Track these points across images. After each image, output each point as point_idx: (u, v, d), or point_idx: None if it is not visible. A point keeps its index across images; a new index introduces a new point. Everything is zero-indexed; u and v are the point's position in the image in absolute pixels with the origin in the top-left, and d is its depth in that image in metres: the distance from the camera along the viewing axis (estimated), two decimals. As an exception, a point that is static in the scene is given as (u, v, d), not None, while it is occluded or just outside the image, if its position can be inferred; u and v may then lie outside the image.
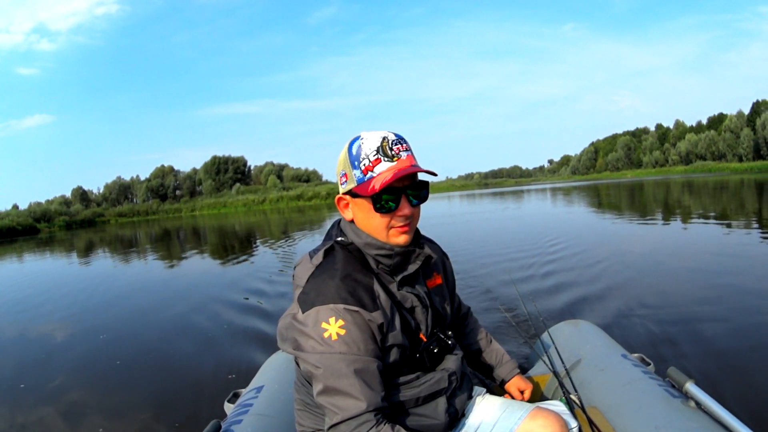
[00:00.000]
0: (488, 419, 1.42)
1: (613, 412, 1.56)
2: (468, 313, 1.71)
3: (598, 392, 1.67)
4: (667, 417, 1.42)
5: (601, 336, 2.07)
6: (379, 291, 1.23)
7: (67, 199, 73.76)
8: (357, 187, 1.22)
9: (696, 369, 2.90)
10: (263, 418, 1.66)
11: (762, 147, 62.45)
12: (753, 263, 5.91)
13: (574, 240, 8.88)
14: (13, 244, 30.74)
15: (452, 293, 1.55)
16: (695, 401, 1.45)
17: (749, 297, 4.41)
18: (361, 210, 1.25)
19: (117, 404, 3.38)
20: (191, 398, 3.28)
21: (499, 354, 1.66)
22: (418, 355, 1.29)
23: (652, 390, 1.57)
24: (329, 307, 1.16)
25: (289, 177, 77.28)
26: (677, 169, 71.14)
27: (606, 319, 3.98)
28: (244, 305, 5.93)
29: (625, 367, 1.75)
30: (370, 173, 1.20)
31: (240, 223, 30.52)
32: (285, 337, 1.25)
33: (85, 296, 8.14)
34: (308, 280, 1.23)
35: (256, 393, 1.86)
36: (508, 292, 5.11)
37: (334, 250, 1.28)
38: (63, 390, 3.72)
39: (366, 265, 1.27)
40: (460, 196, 48.10)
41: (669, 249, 7.52)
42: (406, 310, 1.29)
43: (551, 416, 1.35)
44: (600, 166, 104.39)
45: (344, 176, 1.26)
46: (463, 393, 1.39)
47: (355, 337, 1.15)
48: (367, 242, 1.26)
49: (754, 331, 3.54)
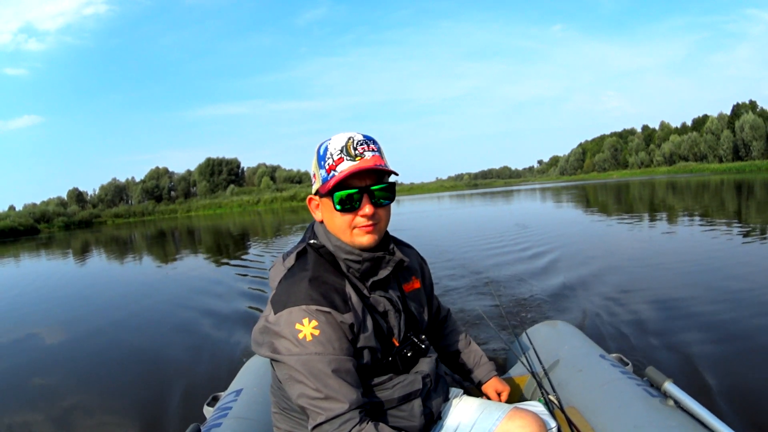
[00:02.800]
0: (466, 420, 1.39)
1: (592, 412, 1.54)
2: (447, 314, 1.69)
3: (577, 392, 1.65)
4: (646, 416, 1.40)
5: (579, 336, 2.05)
6: (350, 293, 1.21)
7: (63, 200, 73.77)
8: (321, 186, 1.21)
9: (674, 368, 2.88)
10: (242, 421, 1.65)
11: (740, 148, 63.14)
12: (735, 262, 5.91)
13: (554, 239, 8.88)
14: (16, 243, 30.61)
15: (430, 297, 1.53)
16: (674, 400, 1.43)
17: (729, 295, 4.40)
18: (326, 210, 1.24)
19: (96, 408, 3.32)
20: (171, 402, 3.22)
21: (477, 355, 1.63)
22: (390, 358, 1.27)
23: (631, 389, 1.55)
24: (301, 308, 1.14)
25: (281, 178, 77.57)
26: (661, 170, 71.83)
27: (584, 320, 3.96)
28: (225, 308, 5.86)
29: (604, 367, 1.73)
30: (332, 172, 1.18)
31: (235, 223, 30.48)
32: (260, 341, 1.22)
33: (70, 298, 8.07)
34: (280, 282, 1.22)
35: (235, 396, 1.85)
36: (486, 293, 5.09)
37: (306, 253, 1.27)
38: (40, 392, 3.65)
39: (338, 267, 1.25)
40: (449, 196, 48.28)
41: (650, 249, 7.49)
42: (379, 314, 1.27)
43: (529, 416, 1.32)
44: (587, 167, 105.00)
45: (314, 176, 1.26)
46: (438, 395, 1.37)
47: (329, 336, 1.13)
48: (337, 245, 1.24)
49: (732, 329, 3.52)
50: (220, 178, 77.58)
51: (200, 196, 75.41)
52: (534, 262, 6.72)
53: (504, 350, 3.18)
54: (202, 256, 13.31)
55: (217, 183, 77.13)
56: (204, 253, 14.08)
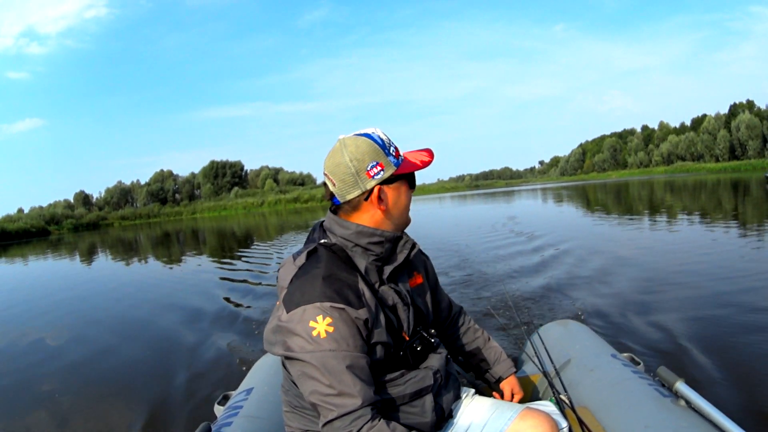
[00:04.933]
0: (477, 420, 1.38)
1: (603, 411, 1.52)
2: (461, 312, 1.67)
3: (588, 392, 1.62)
4: (657, 416, 1.38)
5: (591, 336, 2.02)
6: (364, 289, 1.20)
7: (70, 202, 74.31)
8: (398, 169, 1.25)
9: (686, 368, 2.85)
10: (253, 419, 1.63)
11: (736, 148, 63.00)
12: (745, 265, 5.72)
13: (563, 240, 8.85)
14: (30, 244, 30.74)
15: (434, 291, 1.52)
16: (685, 400, 1.41)
17: (740, 296, 4.28)
18: (397, 193, 1.27)
19: (108, 407, 3.31)
20: (182, 401, 3.21)
21: (497, 352, 1.62)
22: (401, 353, 1.26)
23: (642, 389, 1.52)
24: (315, 305, 1.13)
25: (284, 181, 77.77)
26: (658, 170, 71.77)
27: (595, 319, 3.94)
28: (235, 307, 5.85)
29: (615, 367, 1.70)
30: (400, 157, 1.27)
31: (240, 224, 30.50)
32: (273, 341, 1.21)
33: (81, 298, 8.06)
34: (292, 281, 1.20)
35: (245, 395, 1.82)
36: (497, 292, 5.07)
37: (317, 252, 1.25)
38: (53, 393, 3.65)
39: (350, 264, 1.23)
40: (451, 197, 48.21)
41: (659, 249, 7.39)
42: (388, 308, 1.26)
43: (541, 416, 1.31)
44: (587, 167, 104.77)
45: (377, 166, 1.22)
46: (449, 392, 1.36)
47: (343, 333, 1.12)
48: (358, 231, 1.23)
49: (745, 329, 3.46)
50: (224, 180, 77.77)
51: (204, 199, 75.58)
52: (546, 263, 6.67)
53: (513, 349, 3.15)
54: (211, 256, 13.30)
55: (221, 185, 77.32)
56: (212, 254, 14.08)
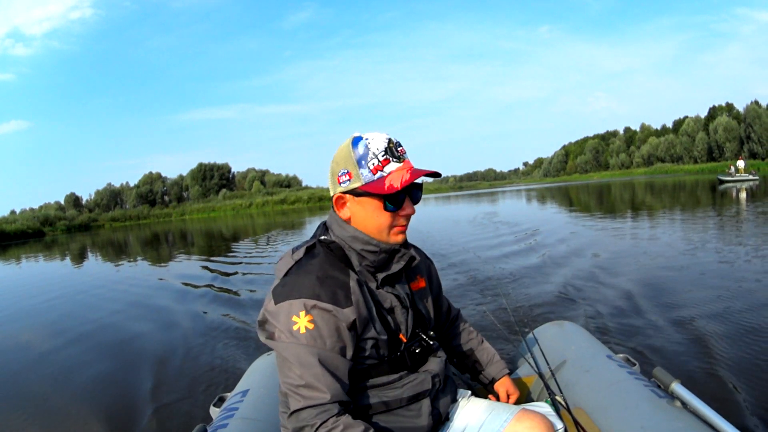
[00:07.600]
0: (473, 422, 1.37)
1: (599, 413, 1.51)
2: (458, 315, 1.67)
3: (584, 393, 1.61)
4: (653, 417, 1.37)
5: (586, 337, 2.02)
6: (354, 288, 1.19)
7: (61, 204, 74.17)
8: (365, 185, 1.19)
9: (681, 369, 2.84)
10: (249, 421, 1.62)
11: (714, 150, 63.93)
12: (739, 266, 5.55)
13: (557, 240, 8.84)
14: (26, 245, 30.31)
15: (437, 297, 1.52)
16: (681, 401, 1.41)
17: (738, 297, 4.18)
18: (364, 208, 1.21)
19: (104, 409, 3.23)
20: (177, 403, 3.17)
21: (489, 353, 1.61)
22: (399, 354, 1.25)
23: (638, 390, 1.52)
24: (301, 301, 1.14)
25: (271, 183, 77.87)
26: (638, 171, 72.49)
27: (590, 320, 3.92)
28: (229, 308, 5.78)
29: (611, 368, 1.69)
30: (380, 173, 1.18)
31: (228, 225, 30.30)
32: (260, 329, 1.21)
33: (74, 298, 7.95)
34: (286, 273, 1.21)
35: (241, 397, 1.81)
36: (492, 294, 5.06)
37: (315, 248, 1.25)
38: (46, 396, 3.59)
39: (346, 263, 1.22)
40: (435, 198, 48.33)
41: (650, 249, 7.24)
42: (386, 309, 1.25)
43: (537, 418, 1.31)
44: (570, 169, 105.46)
45: (346, 175, 1.21)
46: (446, 395, 1.36)
47: (322, 332, 1.12)
48: (354, 236, 1.22)
49: (743, 329, 3.42)
50: (212, 182, 77.59)
51: (193, 201, 75.40)
52: (540, 265, 6.65)
53: (508, 350, 3.14)
54: (200, 257, 13.13)
55: (209, 187, 77.12)
56: (202, 254, 13.91)
